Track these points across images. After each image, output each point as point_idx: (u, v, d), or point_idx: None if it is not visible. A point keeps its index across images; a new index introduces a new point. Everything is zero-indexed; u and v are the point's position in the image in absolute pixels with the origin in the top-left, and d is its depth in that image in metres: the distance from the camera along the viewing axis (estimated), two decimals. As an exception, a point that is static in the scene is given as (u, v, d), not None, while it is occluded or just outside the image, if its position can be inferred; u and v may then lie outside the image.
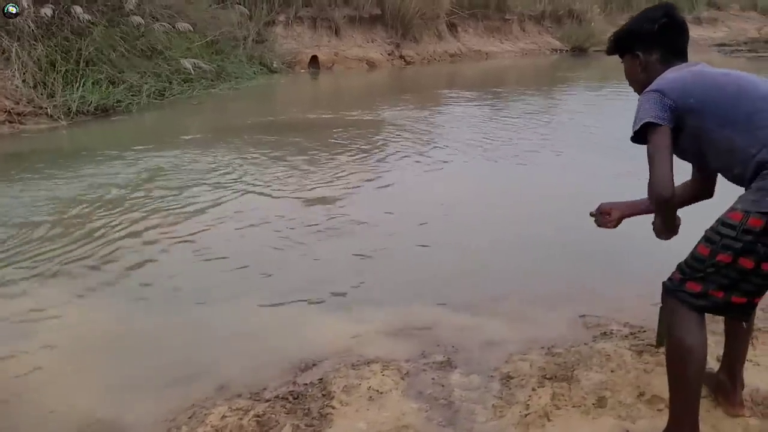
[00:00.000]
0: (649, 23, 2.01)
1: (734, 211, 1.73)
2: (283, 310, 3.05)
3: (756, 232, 1.66)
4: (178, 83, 9.97)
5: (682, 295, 1.80)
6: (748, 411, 2.12)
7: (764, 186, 1.68)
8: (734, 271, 1.72)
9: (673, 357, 1.84)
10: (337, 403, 2.22)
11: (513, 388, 2.33)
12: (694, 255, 1.81)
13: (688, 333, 1.79)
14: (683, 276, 1.81)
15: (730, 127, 1.77)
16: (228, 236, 3.97)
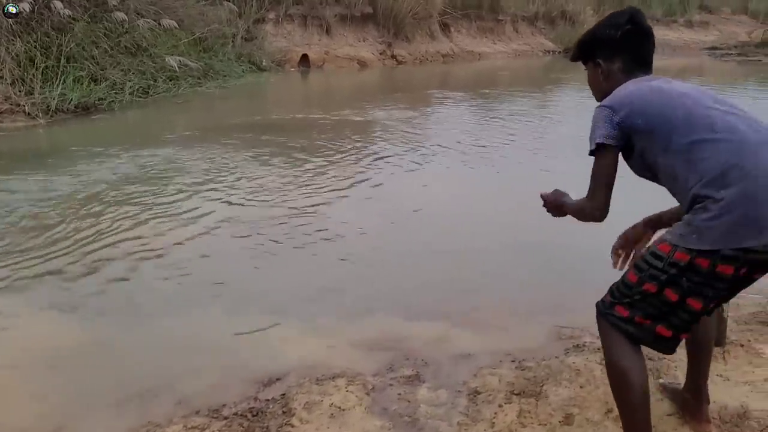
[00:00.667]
0: (612, 29, 1.90)
1: (664, 242, 1.67)
2: (249, 323, 2.94)
3: (681, 266, 1.61)
4: (164, 81, 9.85)
5: (612, 318, 1.76)
6: (716, 429, 2.06)
7: (692, 221, 1.61)
8: (659, 301, 1.67)
9: (612, 381, 1.80)
10: (297, 421, 2.14)
11: (480, 404, 2.26)
12: (623, 280, 1.76)
13: (622, 356, 1.75)
14: (613, 299, 1.77)
15: (672, 155, 1.70)
16: (196, 247, 3.83)
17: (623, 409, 1.80)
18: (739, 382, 2.37)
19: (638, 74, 1.90)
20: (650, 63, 1.94)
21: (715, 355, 2.51)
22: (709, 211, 1.58)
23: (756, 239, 1.55)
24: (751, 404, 2.20)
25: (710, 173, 1.60)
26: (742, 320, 2.93)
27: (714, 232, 1.57)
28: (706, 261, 1.59)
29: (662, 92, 1.78)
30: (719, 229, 1.56)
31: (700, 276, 1.60)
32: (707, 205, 1.59)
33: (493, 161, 6.10)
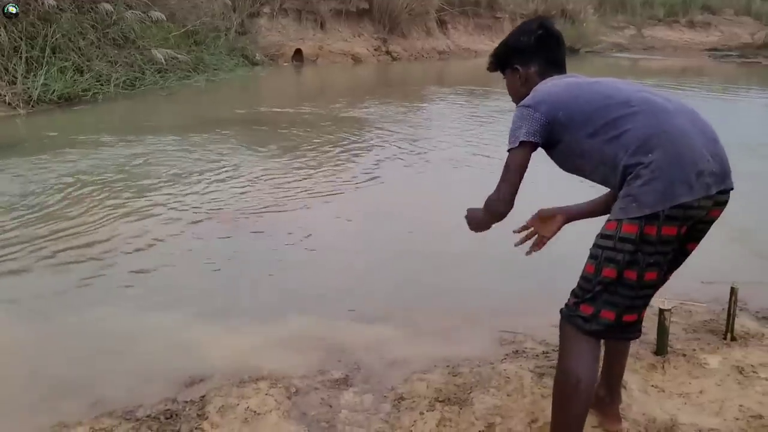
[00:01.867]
0: (525, 36, 1.98)
1: (609, 221, 1.69)
2: (178, 323, 2.86)
3: (632, 239, 1.62)
4: (151, 74, 9.81)
5: (577, 320, 1.73)
6: (639, 443, 1.99)
7: (629, 192, 1.64)
8: (621, 286, 1.66)
9: (562, 386, 1.76)
10: (208, 426, 2.08)
11: (402, 410, 2.19)
12: (583, 276, 1.74)
13: (579, 362, 1.73)
14: (576, 299, 1.74)
15: (598, 137, 1.72)
16: (134, 243, 3.74)
17: (562, 417, 1.78)
18: (674, 394, 2.29)
19: (553, 75, 1.96)
20: (563, 64, 2.01)
21: (654, 365, 2.47)
22: (641, 177, 1.62)
23: (689, 194, 1.60)
24: (680, 417, 2.14)
25: (635, 142, 1.65)
26: (692, 328, 2.85)
27: (651, 196, 1.60)
28: (653, 227, 1.61)
29: (576, 84, 1.87)
30: (655, 191, 1.60)
31: (651, 245, 1.62)
32: (638, 171, 1.63)
33: (481, 163, 5.98)
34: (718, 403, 2.24)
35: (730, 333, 2.73)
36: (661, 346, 2.56)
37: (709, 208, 1.67)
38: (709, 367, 2.49)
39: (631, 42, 25.20)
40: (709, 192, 1.62)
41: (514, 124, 1.84)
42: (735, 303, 2.71)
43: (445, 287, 3.33)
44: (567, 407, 1.76)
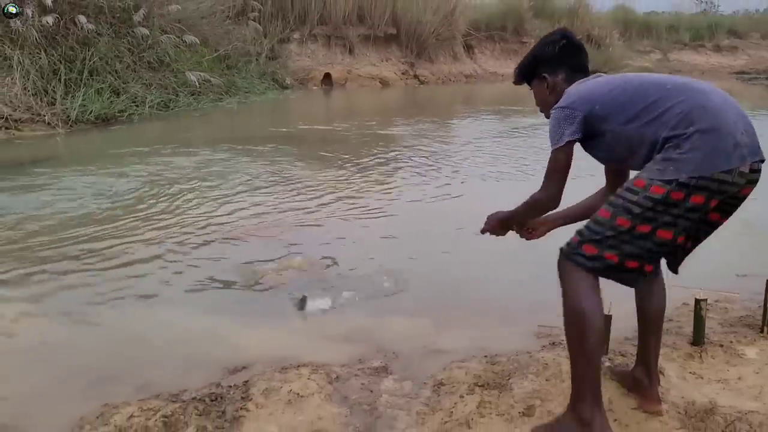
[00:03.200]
0: (550, 46, 2.11)
1: (639, 178, 1.76)
2: (219, 317, 2.95)
3: (656, 199, 1.70)
4: (185, 96, 10.07)
5: (578, 258, 1.81)
6: (680, 423, 2.00)
7: (669, 156, 1.71)
8: (630, 236, 1.74)
9: (570, 321, 1.83)
10: (253, 406, 2.13)
11: (442, 395, 2.22)
12: (595, 218, 1.82)
13: (584, 297, 1.79)
14: (581, 239, 1.82)
15: (638, 120, 1.81)
16: (181, 245, 3.90)
17: (578, 350, 1.82)
18: (712, 380, 2.29)
19: (578, 79, 2.07)
20: (587, 70, 2.12)
21: (691, 354, 2.48)
22: (681, 146, 1.70)
23: (727, 163, 1.68)
24: (719, 401, 2.13)
25: (675, 118, 1.73)
26: (728, 323, 2.84)
27: (690, 163, 1.68)
28: (681, 194, 1.68)
29: (606, 80, 2.00)
30: (695, 159, 1.68)
31: (675, 208, 1.70)
32: (679, 142, 1.71)
33: (512, 175, 6.04)
34: (756, 388, 2.24)
35: (766, 326, 2.72)
36: (698, 337, 2.56)
37: (742, 186, 1.74)
38: (746, 357, 2.48)
39: (658, 66, 25.10)
40: (744, 162, 1.70)
41: (554, 126, 1.94)
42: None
43: (482, 284, 3.39)
44: (580, 343, 1.81)
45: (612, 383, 2.23)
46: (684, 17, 28.41)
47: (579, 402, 1.85)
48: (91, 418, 2.08)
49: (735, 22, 28.64)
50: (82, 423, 2.05)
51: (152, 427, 2.00)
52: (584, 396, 1.84)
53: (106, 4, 9.25)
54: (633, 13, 27.42)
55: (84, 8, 8.95)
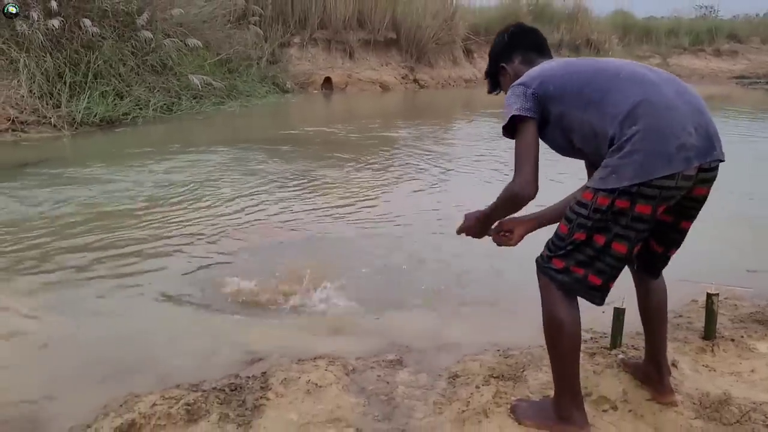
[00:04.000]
0: (500, 38, 2.14)
1: (586, 190, 1.76)
2: (235, 314, 2.99)
3: (604, 210, 1.70)
4: (187, 99, 10.10)
5: (549, 272, 1.84)
6: (695, 413, 2.03)
7: (609, 163, 1.70)
8: (590, 248, 1.76)
9: (547, 330, 1.89)
10: (273, 395, 2.16)
11: (458, 386, 2.25)
12: (556, 233, 1.85)
13: (558, 308, 1.84)
14: (549, 253, 1.85)
15: (590, 110, 1.77)
16: (195, 242, 3.94)
17: (556, 358, 1.90)
18: (725, 373, 2.33)
19: (539, 61, 2.03)
20: (547, 50, 2.10)
21: (703, 348, 2.50)
22: (623, 149, 1.67)
23: (668, 168, 1.63)
24: (733, 392, 2.16)
25: (621, 111, 1.69)
26: (738, 319, 2.87)
27: (629, 168, 1.65)
28: (626, 202, 1.68)
29: (566, 62, 1.94)
30: (634, 164, 1.65)
31: (623, 217, 1.69)
32: (621, 143, 1.68)
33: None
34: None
35: (777, 322, 2.76)
36: (709, 331, 2.59)
37: (690, 187, 1.71)
38: (758, 351, 2.51)
39: (657, 70, 25.19)
40: (689, 165, 1.64)
41: (507, 103, 1.88)
42: (781, 292, 2.74)
43: (490, 280, 3.42)
44: (557, 347, 1.88)
45: (626, 375, 2.26)
46: (683, 22, 28.49)
47: (559, 398, 1.93)
48: (114, 405, 2.10)
49: (735, 27, 28.75)
50: (107, 410, 2.08)
51: (175, 415, 2.02)
52: (564, 393, 1.92)
53: (110, 8, 9.27)
54: (632, 18, 27.50)
55: (88, 12, 8.97)
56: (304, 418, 2.03)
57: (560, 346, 1.87)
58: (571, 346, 1.87)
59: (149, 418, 2.01)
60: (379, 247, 3.92)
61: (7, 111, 7.23)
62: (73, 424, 2.03)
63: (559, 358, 1.90)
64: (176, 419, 2.02)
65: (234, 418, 2.03)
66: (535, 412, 2.01)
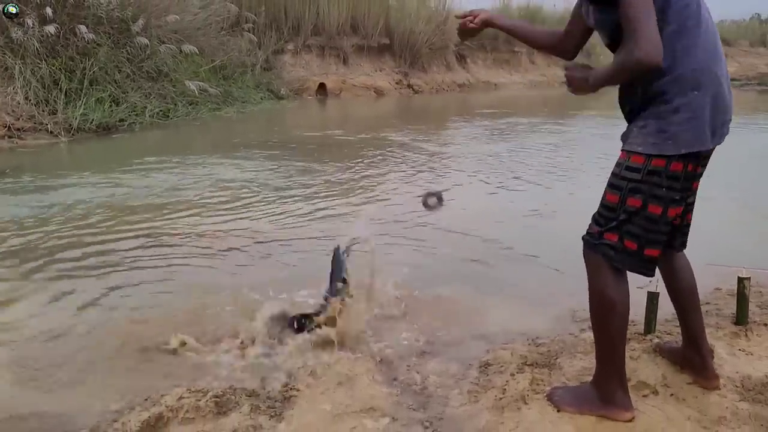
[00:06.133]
0: None
1: (635, 154, 1.72)
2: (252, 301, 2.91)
3: (660, 172, 1.68)
4: (183, 105, 10.03)
5: (603, 248, 1.78)
6: (739, 396, 1.98)
7: (664, 127, 1.67)
8: (644, 218, 1.72)
9: (597, 310, 1.84)
10: (302, 386, 2.09)
11: (491, 374, 2.20)
12: (604, 205, 1.79)
13: (611, 287, 1.79)
14: (600, 228, 1.79)
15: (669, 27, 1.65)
16: (209, 244, 3.87)
17: (605, 340, 1.84)
18: (763, 356, 2.28)
19: None
20: None
21: (737, 333, 2.46)
22: (680, 112, 1.65)
23: (715, 141, 1.72)
24: (774, 374, 2.12)
25: (688, 67, 1.65)
26: (766, 305, 2.83)
27: (687, 135, 1.66)
28: (680, 164, 1.68)
29: None
30: (690, 132, 1.66)
31: (676, 180, 1.69)
32: (678, 105, 1.65)
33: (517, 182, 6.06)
34: (809, 363, 2.23)
35: (806, 306, 2.72)
36: (742, 316, 2.54)
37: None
38: (791, 335, 2.47)
39: (648, 74, 25.39)
40: (722, 140, 1.75)
41: None
42: (810, 276, 2.70)
43: (518, 272, 3.39)
44: (608, 328, 1.83)
45: (663, 360, 2.21)
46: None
47: (603, 380, 1.88)
48: (139, 399, 2.03)
49: (724, 30, 28.98)
50: (132, 404, 2.00)
51: (203, 407, 1.95)
52: (610, 376, 1.86)
53: (105, 14, 9.18)
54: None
55: (84, 18, 8.88)
56: (338, 408, 1.97)
57: (611, 328, 1.82)
58: (622, 327, 1.82)
59: (177, 411, 1.94)
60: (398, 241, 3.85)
61: (3, 118, 7.12)
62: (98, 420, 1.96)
63: (608, 340, 1.84)
64: (205, 412, 1.95)
65: (265, 409, 1.96)
66: (574, 397, 1.95)
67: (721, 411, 1.91)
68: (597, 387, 1.90)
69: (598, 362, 1.90)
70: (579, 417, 1.88)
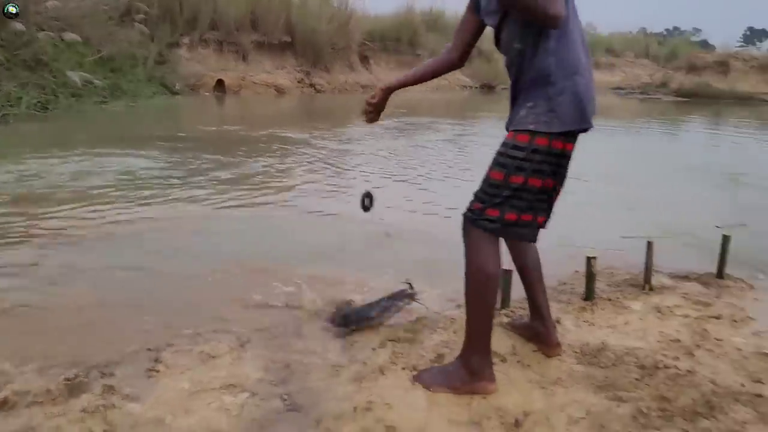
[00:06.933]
0: None
1: (521, 133, 1.83)
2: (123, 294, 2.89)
3: (542, 150, 1.81)
4: (65, 97, 9.55)
5: (484, 223, 1.87)
6: (576, 360, 2.15)
7: (552, 107, 1.80)
8: (526, 192, 1.84)
9: (476, 285, 1.90)
10: (163, 367, 2.08)
11: (355, 350, 2.27)
12: (488, 182, 1.88)
13: (489, 261, 1.88)
14: (483, 204, 1.87)
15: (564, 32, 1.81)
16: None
17: (479, 313, 1.92)
18: (603, 326, 2.49)
19: None
20: None
21: (584, 307, 2.66)
22: (564, 93, 1.79)
23: (590, 121, 1.85)
24: (609, 341, 2.32)
25: (570, 53, 1.81)
26: (615, 284, 3.07)
27: (570, 116, 1.81)
28: (560, 142, 1.82)
29: None
30: (573, 112, 1.81)
31: (555, 157, 1.82)
32: (563, 88, 1.79)
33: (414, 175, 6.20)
34: (641, 331, 2.45)
35: (648, 284, 2.97)
36: (589, 292, 2.76)
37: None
38: (631, 308, 2.70)
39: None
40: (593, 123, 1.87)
41: None
42: (651, 255, 2.95)
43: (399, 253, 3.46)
44: (483, 301, 1.91)
45: (514, 333, 2.36)
46: (568, 36, 30.16)
47: (471, 353, 1.96)
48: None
49: (612, 42, 30.84)
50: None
51: (54, 391, 1.90)
52: (477, 348, 1.95)
53: (-25, -4, 8.64)
54: (523, 31, 28.82)
55: (-51, 0, 8.33)
56: (197, 386, 1.97)
57: (486, 301, 1.90)
58: (494, 300, 1.92)
59: (23, 396, 1.88)
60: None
61: None
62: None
63: (482, 312, 1.92)
64: (55, 395, 1.89)
65: (120, 390, 1.93)
66: (443, 377, 1.99)
67: (558, 373, 2.07)
68: (465, 363, 1.96)
69: (470, 337, 1.96)
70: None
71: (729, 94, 23.26)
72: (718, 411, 1.88)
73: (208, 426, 1.76)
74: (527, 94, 1.86)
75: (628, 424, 1.79)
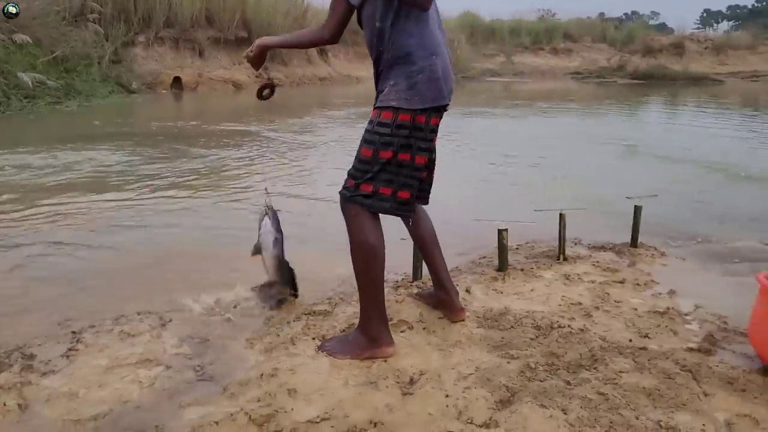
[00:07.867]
0: None
1: (384, 110, 1.96)
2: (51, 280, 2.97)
3: (407, 125, 1.94)
4: (17, 98, 9.47)
5: (359, 199, 1.98)
6: (478, 323, 2.30)
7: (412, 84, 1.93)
8: (396, 166, 1.96)
9: (360, 258, 2.02)
10: (82, 346, 2.18)
11: (271, 325, 2.39)
12: (359, 159, 2.00)
13: (370, 234, 2.00)
14: (357, 181, 1.99)
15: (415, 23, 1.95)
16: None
17: (368, 284, 2.04)
18: (510, 294, 2.65)
19: None
20: None
21: (495, 277, 2.82)
22: (424, 72, 1.92)
23: (448, 98, 2.00)
24: (512, 306, 2.48)
25: (428, 36, 1.94)
26: (532, 256, 3.24)
27: (430, 93, 1.93)
28: (423, 117, 1.95)
29: None
30: (432, 90, 1.93)
31: (422, 131, 1.95)
32: (423, 68, 1.92)
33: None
34: (545, 296, 2.62)
35: (562, 254, 3.14)
36: (502, 262, 2.91)
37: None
38: (542, 277, 2.87)
39: (502, 68, 26.89)
40: (450, 100, 2.02)
41: None
42: (564, 227, 3.12)
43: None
44: (370, 272, 2.03)
45: (421, 304, 2.49)
46: (524, 23, 30.53)
47: (368, 321, 2.08)
48: None
49: (570, 27, 31.21)
50: None
51: (-30, 372, 1.99)
52: (372, 316, 2.07)
53: None
54: (479, 19, 29.10)
55: None
56: (115, 361, 2.07)
57: (373, 271, 2.01)
58: (382, 270, 2.03)
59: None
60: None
61: None
62: None
63: (371, 284, 2.03)
64: (-29, 376, 1.98)
65: (38, 368, 2.02)
66: (344, 345, 2.11)
67: (458, 336, 2.22)
68: (364, 331, 2.09)
69: (364, 306, 2.09)
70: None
71: (683, 75, 23.84)
72: (600, 363, 2.05)
73: (119, 397, 1.87)
74: (388, 72, 1.98)
75: (513, 378, 1.94)
